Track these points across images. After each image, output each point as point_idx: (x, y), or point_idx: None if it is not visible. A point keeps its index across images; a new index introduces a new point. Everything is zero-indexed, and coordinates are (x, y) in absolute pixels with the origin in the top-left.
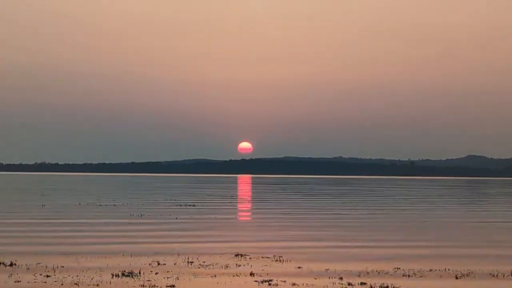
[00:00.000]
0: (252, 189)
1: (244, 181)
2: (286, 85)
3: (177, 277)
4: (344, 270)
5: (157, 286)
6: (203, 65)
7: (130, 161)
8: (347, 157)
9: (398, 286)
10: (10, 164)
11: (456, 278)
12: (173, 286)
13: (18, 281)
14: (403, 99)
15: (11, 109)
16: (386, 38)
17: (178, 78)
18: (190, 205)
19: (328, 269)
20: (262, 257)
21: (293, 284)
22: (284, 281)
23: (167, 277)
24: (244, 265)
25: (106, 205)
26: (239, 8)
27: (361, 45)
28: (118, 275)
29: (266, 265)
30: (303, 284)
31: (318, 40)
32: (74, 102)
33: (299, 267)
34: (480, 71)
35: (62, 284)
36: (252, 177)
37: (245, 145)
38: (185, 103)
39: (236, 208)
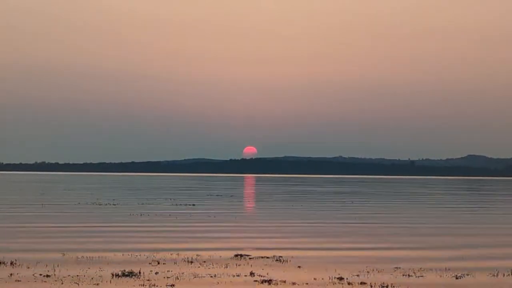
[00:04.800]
0: (252, 189)
1: (244, 181)
2: (286, 85)
3: (177, 277)
4: (344, 270)
5: (157, 286)
6: (203, 65)
7: (130, 161)
8: (347, 157)
9: (398, 286)
10: (10, 164)
11: (456, 278)
12: (173, 286)
13: (18, 280)
14: (403, 99)
15: (11, 109)
16: (387, 39)
17: (178, 78)
18: (190, 205)
19: (327, 269)
20: (262, 257)
21: (293, 284)
22: (284, 281)
23: (167, 277)
24: (244, 265)
25: (106, 204)
26: (241, 8)
27: (361, 45)
28: (118, 274)
29: (266, 265)
30: (303, 284)
31: (318, 41)
32: (74, 102)
33: (299, 267)
34: (480, 71)
35: (62, 283)
36: (252, 176)
37: (250, 149)
38: (185, 103)
39: (236, 208)
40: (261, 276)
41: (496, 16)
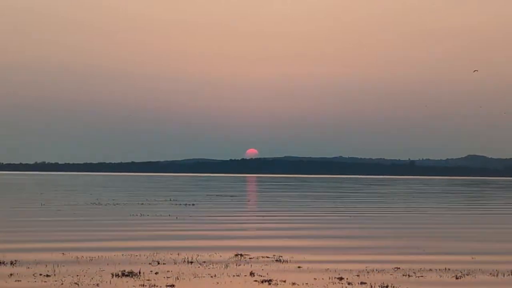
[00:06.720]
0: (252, 189)
1: (244, 181)
2: (286, 85)
3: (177, 277)
4: (344, 270)
5: (157, 286)
6: (203, 65)
7: (130, 161)
8: (347, 157)
9: (398, 286)
10: (10, 164)
11: (456, 278)
12: (173, 286)
13: (18, 281)
14: (404, 99)
15: (11, 109)
16: (387, 39)
17: (179, 78)
18: (189, 205)
19: (328, 269)
20: (262, 257)
21: (293, 284)
22: (284, 281)
23: (167, 277)
24: (244, 265)
25: (106, 204)
26: (241, 9)
27: (361, 45)
28: (118, 274)
29: (266, 265)
30: (303, 284)
31: (319, 41)
32: (74, 102)
33: (299, 267)
34: (480, 71)
35: (62, 284)
36: (252, 176)
37: (252, 151)
38: (185, 103)
39: (235, 208)
40: (261, 276)
41: (496, 16)
